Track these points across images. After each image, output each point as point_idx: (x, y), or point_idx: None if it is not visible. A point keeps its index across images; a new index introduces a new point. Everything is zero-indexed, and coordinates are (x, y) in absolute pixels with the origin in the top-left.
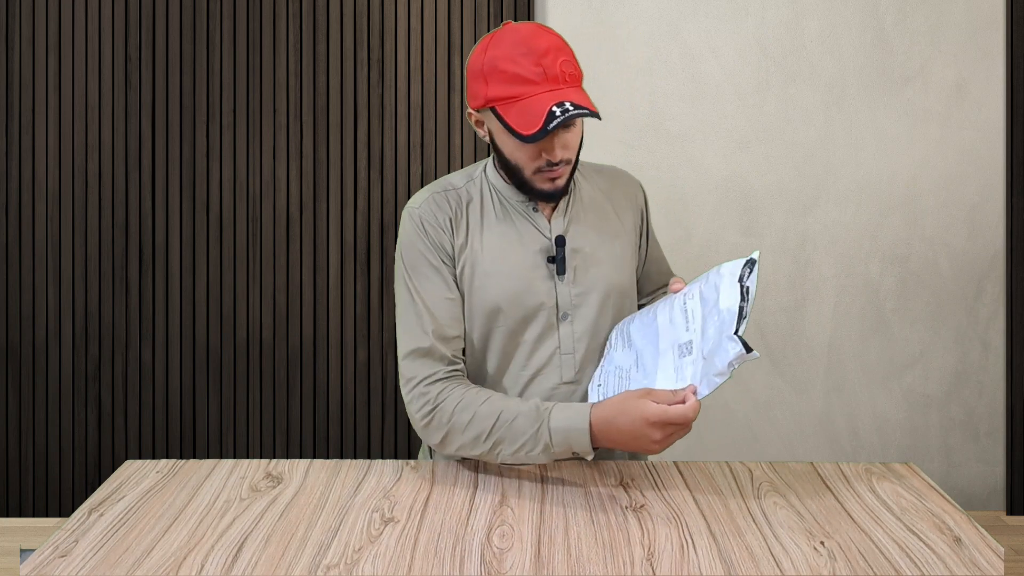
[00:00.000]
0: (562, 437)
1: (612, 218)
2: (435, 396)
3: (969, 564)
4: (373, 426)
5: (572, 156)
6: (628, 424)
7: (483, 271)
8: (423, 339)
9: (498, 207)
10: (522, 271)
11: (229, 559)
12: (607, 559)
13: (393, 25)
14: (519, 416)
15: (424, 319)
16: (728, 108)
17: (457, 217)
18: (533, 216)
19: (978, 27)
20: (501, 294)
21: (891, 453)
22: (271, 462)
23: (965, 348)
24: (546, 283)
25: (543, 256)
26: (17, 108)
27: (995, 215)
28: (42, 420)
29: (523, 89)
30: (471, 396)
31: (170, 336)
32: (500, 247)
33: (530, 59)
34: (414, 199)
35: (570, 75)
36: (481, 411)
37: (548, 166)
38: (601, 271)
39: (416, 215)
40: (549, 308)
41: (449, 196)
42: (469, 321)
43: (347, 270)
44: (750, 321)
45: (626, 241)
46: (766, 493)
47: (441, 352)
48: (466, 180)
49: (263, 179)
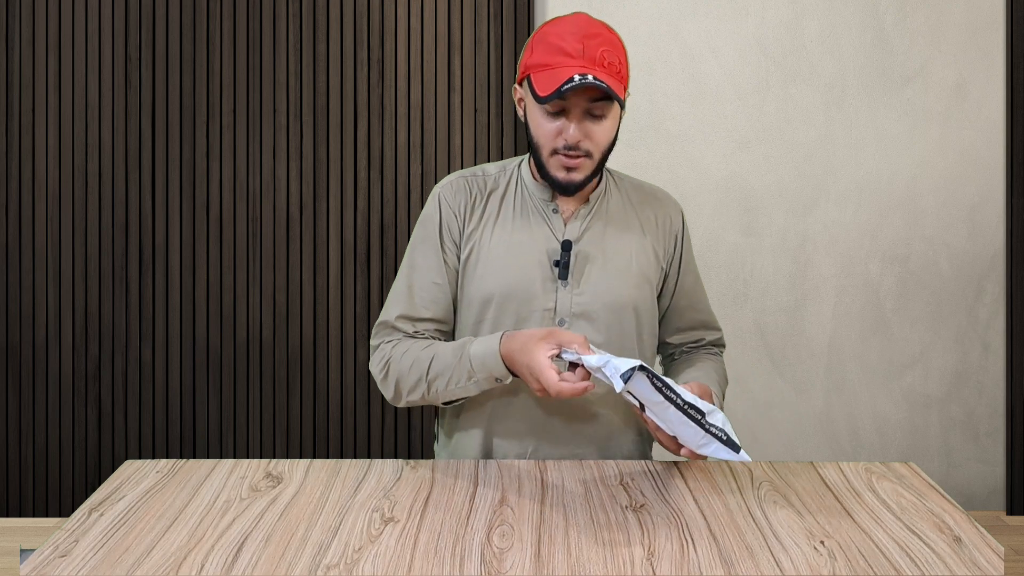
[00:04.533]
0: (480, 363)
1: (635, 232)
2: (388, 351)
3: (969, 564)
4: (373, 426)
5: (594, 150)
6: (523, 364)
7: (485, 260)
8: (392, 314)
9: (519, 201)
10: (524, 268)
11: (229, 559)
12: (607, 559)
13: (393, 25)
14: (448, 352)
15: (402, 298)
16: (728, 108)
17: (476, 203)
18: (551, 216)
19: (978, 27)
20: (496, 286)
21: (891, 453)
22: (271, 462)
23: (965, 348)
24: (547, 285)
25: (549, 258)
26: (17, 108)
27: (995, 215)
28: (42, 420)
29: (559, 59)
30: (416, 345)
31: (170, 336)
32: (509, 241)
33: (576, 37)
34: (445, 179)
35: (609, 63)
36: (421, 355)
37: (565, 149)
38: (609, 283)
39: (438, 194)
40: (545, 311)
41: (476, 181)
42: (466, 307)
43: (347, 270)
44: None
45: (646, 260)
46: (766, 493)
47: (401, 328)
48: (499, 170)
49: (263, 179)
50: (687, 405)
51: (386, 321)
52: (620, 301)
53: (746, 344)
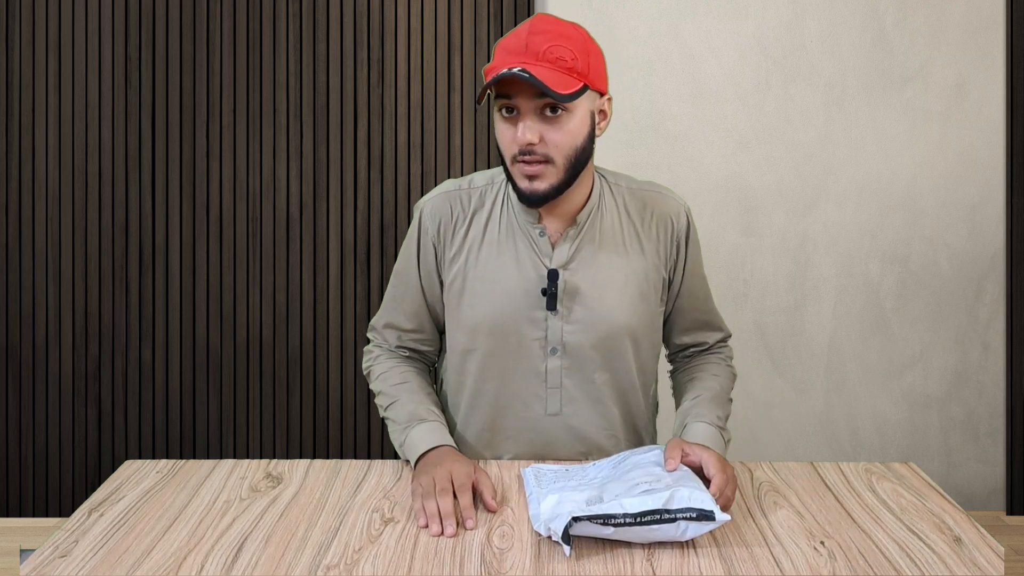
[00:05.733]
0: (410, 449)
1: (631, 251)
2: (372, 362)
3: (969, 564)
4: (373, 426)
5: (554, 154)
6: (436, 463)
7: (471, 288)
8: (381, 320)
9: (504, 223)
10: (511, 297)
11: (229, 559)
12: (607, 559)
13: (393, 25)
14: (403, 414)
15: (388, 306)
16: (728, 108)
17: (458, 226)
18: (537, 240)
19: (978, 27)
20: (483, 316)
21: (891, 453)
22: (271, 462)
23: (965, 348)
24: (536, 313)
25: (537, 285)
26: (17, 108)
27: (995, 215)
28: (42, 420)
29: (503, 59)
30: (391, 373)
31: (170, 336)
32: (495, 268)
33: (522, 36)
34: (429, 193)
35: (557, 57)
36: (389, 391)
37: (521, 155)
38: (602, 311)
39: (419, 215)
40: (536, 340)
41: (461, 198)
42: (456, 332)
43: (347, 270)
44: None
45: (646, 279)
46: (766, 493)
47: (387, 338)
48: (487, 182)
49: (263, 179)
50: (640, 515)
51: (375, 326)
52: (613, 329)
53: (746, 344)
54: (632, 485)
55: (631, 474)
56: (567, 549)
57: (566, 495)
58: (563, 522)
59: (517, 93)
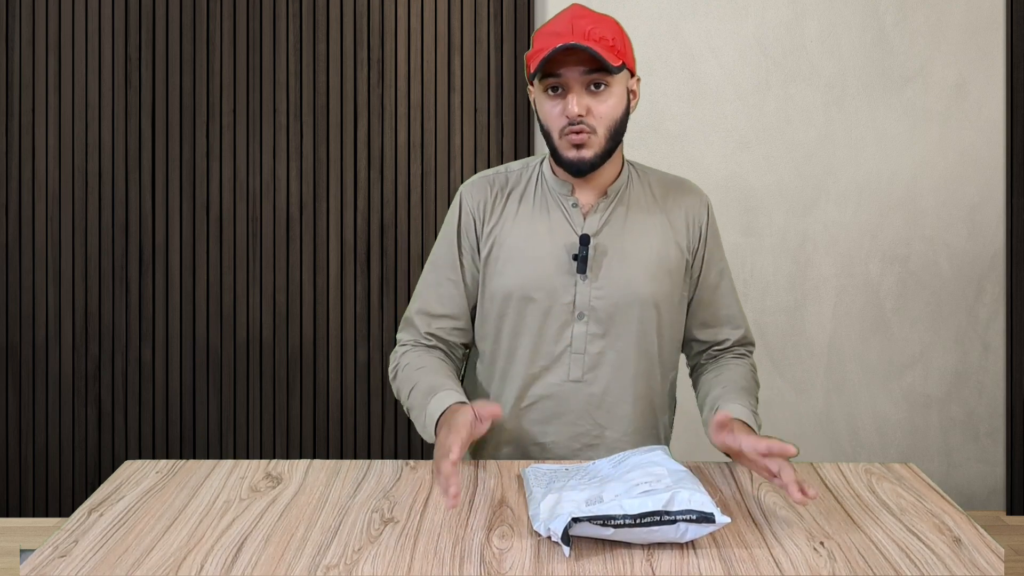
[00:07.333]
0: (430, 420)
1: (658, 225)
2: (399, 358)
3: (969, 564)
4: (373, 426)
5: (598, 125)
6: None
7: (505, 256)
8: (412, 308)
9: (539, 196)
10: (542, 262)
11: (229, 559)
12: (607, 559)
13: (393, 25)
14: (419, 393)
15: (421, 293)
16: (728, 108)
17: (496, 201)
18: (570, 210)
19: (978, 27)
20: (516, 281)
21: (891, 453)
22: (271, 462)
23: (965, 348)
24: (566, 279)
25: (568, 251)
26: (17, 108)
27: (995, 215)
28: (42, 420)
29: (549, 41)
30: (414, 362)
31: (170, 336)
32: (527, 235)
33: (567, 21)
34: (469, 179)
35: (600, 37)
36: (411, 376)
37: (569, 125)
38: (629, 276)
39: (460, 194)
40: (565, 304)
41: (496, 180)
42: (488, 303)
43: (347, 270)
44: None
45: (669, 253)
46: (766, 493)
47: (417, 326)
48: (522, 167)
49: (263, 179)
50: (640, 516)
51: (408, 316)
52: (640, 295)
53: None
54: (632, 485)
55: (631, 474)
56: (566, 549)
57: (566, 495)
58: (563, 522)
59: (566, 71)
